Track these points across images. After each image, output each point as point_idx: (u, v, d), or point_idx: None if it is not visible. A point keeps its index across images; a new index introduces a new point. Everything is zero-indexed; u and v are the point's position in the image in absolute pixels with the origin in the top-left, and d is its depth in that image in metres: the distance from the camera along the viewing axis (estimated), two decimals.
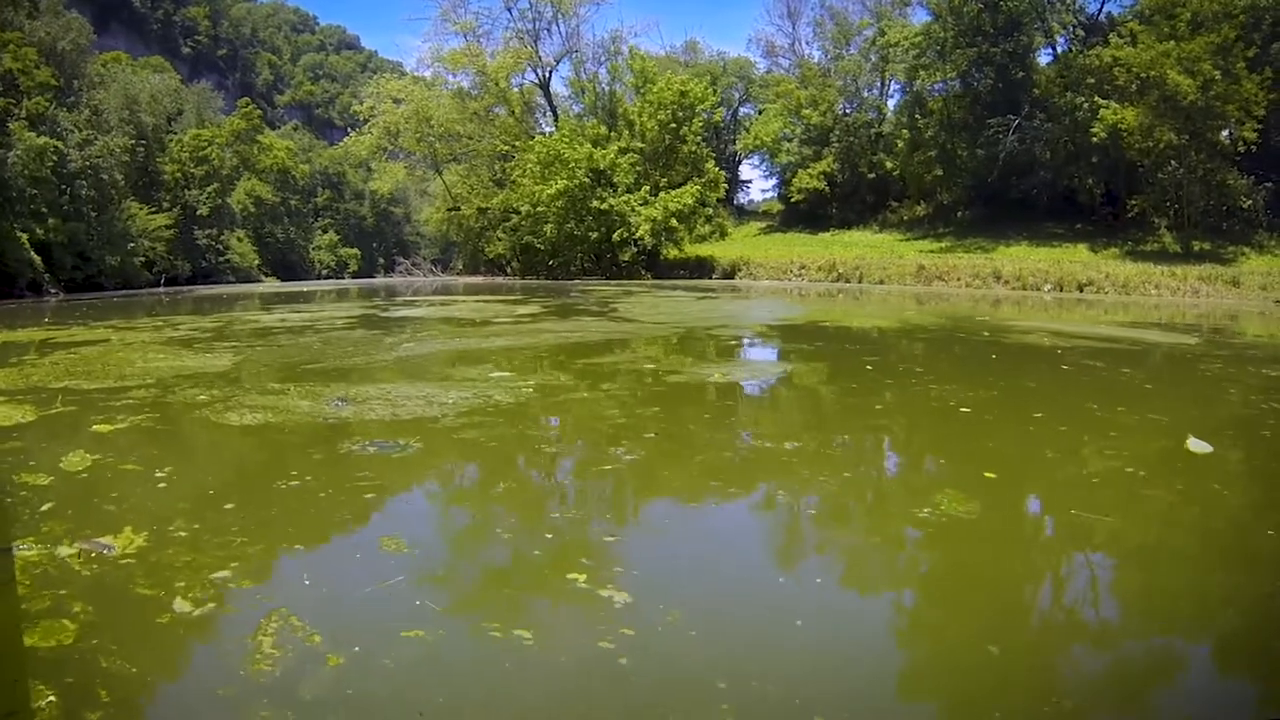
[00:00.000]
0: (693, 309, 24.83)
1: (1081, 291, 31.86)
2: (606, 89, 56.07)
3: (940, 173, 49.78)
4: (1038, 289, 33.11)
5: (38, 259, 39.96)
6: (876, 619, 4.27)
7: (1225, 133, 38.35)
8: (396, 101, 56.78)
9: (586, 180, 47.33)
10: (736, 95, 73.68)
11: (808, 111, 57.53)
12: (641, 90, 50.81)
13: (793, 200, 58.97)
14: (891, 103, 60.01)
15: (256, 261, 67.94)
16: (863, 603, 4.44)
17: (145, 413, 8.40)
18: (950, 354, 15.43)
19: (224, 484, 6.23)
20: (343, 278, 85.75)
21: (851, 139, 57.72)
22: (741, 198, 77.21)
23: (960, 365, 13.78)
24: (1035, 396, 10.22)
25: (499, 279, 55.11)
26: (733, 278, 45.83)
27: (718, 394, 10.32)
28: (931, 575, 4.83)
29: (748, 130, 67.33)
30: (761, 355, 16.05)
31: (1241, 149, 36.93)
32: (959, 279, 36.54)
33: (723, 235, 51.36)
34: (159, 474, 6.18)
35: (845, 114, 59.50)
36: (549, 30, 57.83)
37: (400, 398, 8.89)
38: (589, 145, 48.12)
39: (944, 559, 4.94)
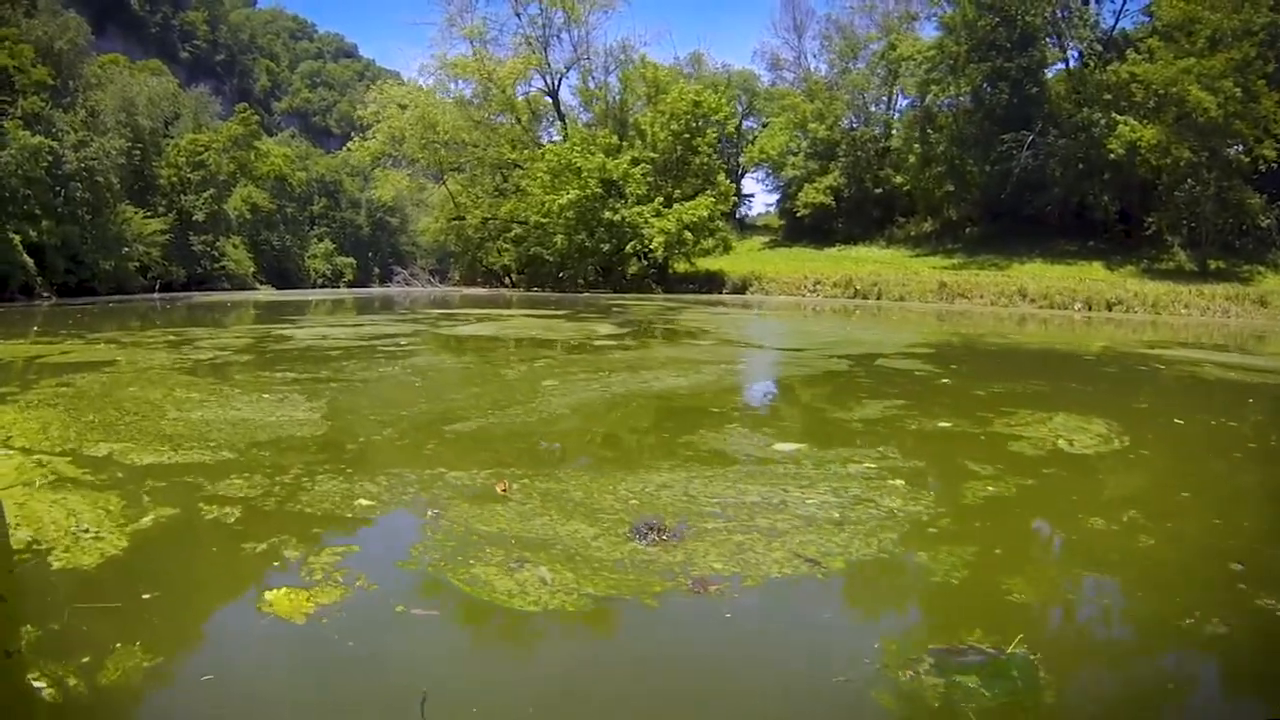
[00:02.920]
0: (783, 328, 23.51)
1: (1110, 310, 31.23)
2: (617, 98, 55.30)
3: (952, 188, 49.11)
4: (1065, 308, 32.40)
5: (30, 262, 38.96)
6: None
7: (1235, 149, 37.91)
8: (402, 107, 55.92)
9: (599, 190, 46.47)
10: (740, 108, 73.13)
11: (814, 125, 57.00)
12: (653, 100, 49.98)
13: (798, 214, 58.33)
14: (898, 117, 59.51)
15: (252, 269, 66.95)
16: None
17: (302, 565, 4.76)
18: (1194, 393, 12.71)
19: None
20: (338, 286, 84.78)
21: (858, 153, 57.17)
22: (744, 211, 76.61)
23: (1241, 408, 11.15)
24: None
25: (503, 290, 54.30)
26: (744, 293, 45.04)
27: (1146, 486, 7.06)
28: None
29: (752, 143, 66.75)
30: (1046, 402, 10.37)
31: (1262, 168, 36.34)
32: (982, 296, 35.84)
33: (726, 249, 50.52)
34: None
35: (852, 128, 59.02)
36: (559, 38, 57.14)
37: (715, 517, 5.36)
38: (601, 155, 47.25)
39: None
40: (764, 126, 68.06)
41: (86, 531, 5.17)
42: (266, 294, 57.05)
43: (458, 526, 5.21)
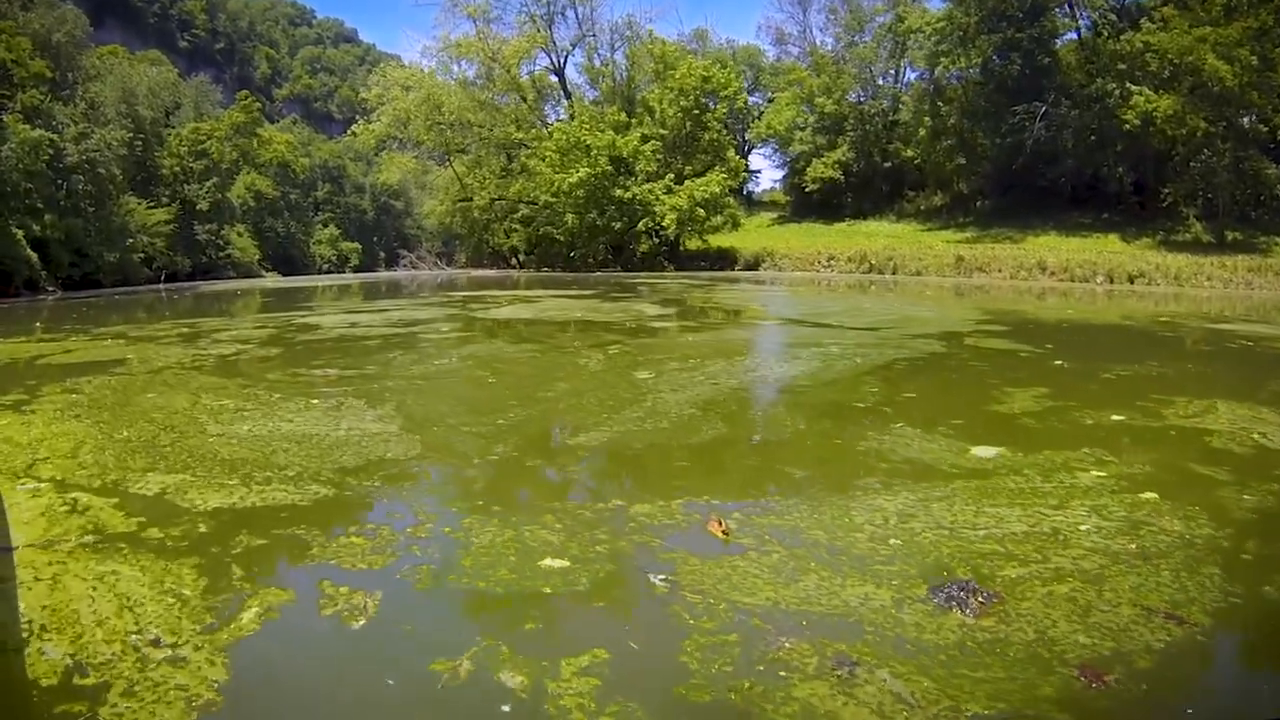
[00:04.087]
0: (830, 305, 22.54)
1: (1133, 283, 30.78)
2: (624, 75, 54.64)
3: (963, 161, 48.44)
4: (1087, 281, 31.92)
5: (34, 256, 38.61)
6: None
7: (1248, 119, 37.30)
8: (406, 89, 55.37)
9: (608, 168, 45.94)
10: (746, 84, 72.34)
11: (821, 100, 56.34)
12: (662, 76, 49.33)
13: (807, 190, 57.70)
14: (906, 90, 58.78)
15: (257, 256, 66.48)
16: None
17: None
18: None
19: None
20: (344, 272, 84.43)
21: (866, 127, 56.53)
22: (751, 188, 75.95)
23: None
24: None
25: (510, 271, 53.94)
26: (756, 269, 44.81)
27: None
28: None
29: (758, 119, 66.09)
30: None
31: None
32: (1000, 270, 35.43)
33: (735, 226, 50.03)
34: None
35: (859, 102, 58.33)
36: (563, 15, 56.61)
37: (1003, 558, 4.56)
38: (611, 132, 46.69)
39: None
40: (770, 102, 67.28)
41: (157, 644, 3.60)
42: (273, 281, 56.70)
43: (712, 600, 4.00)
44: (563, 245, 50.40)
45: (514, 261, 58.44)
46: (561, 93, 59.20)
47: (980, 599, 4.02)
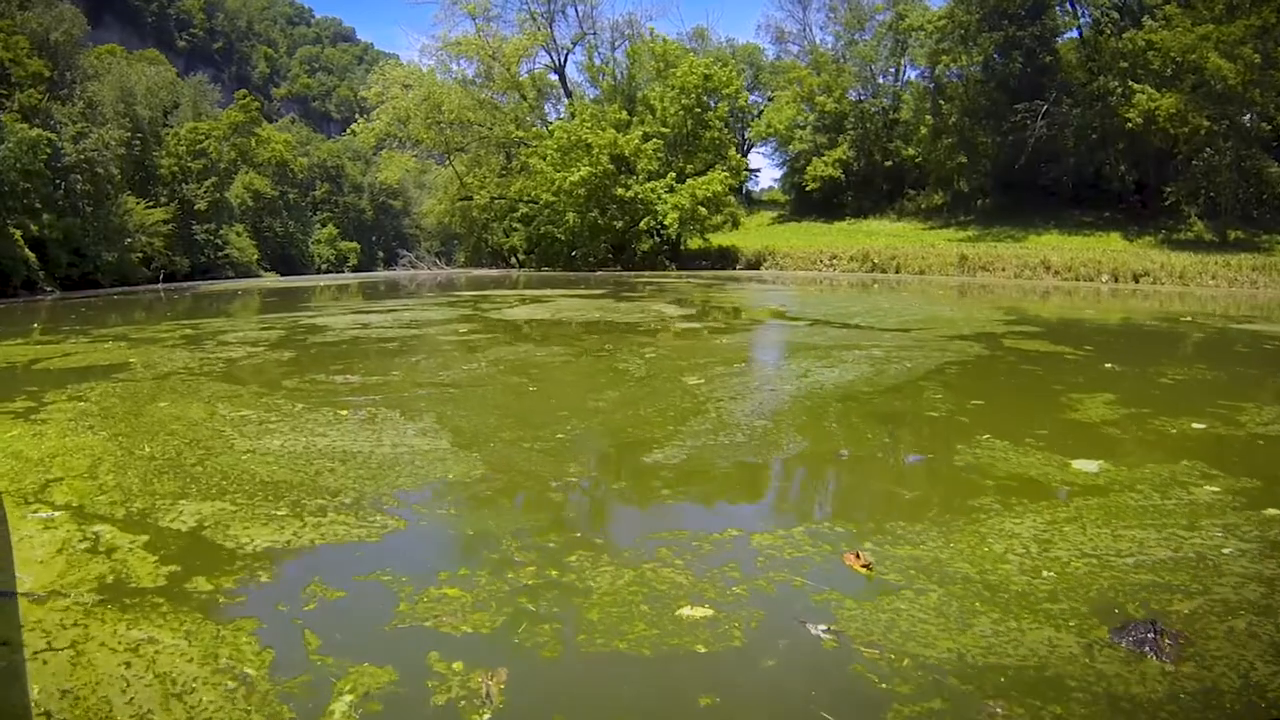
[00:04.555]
0: (852, 305, 21.95)
1: (1138, 282, 30.63)
2: (625, 73, 54.53)
3: (964, 160, 48.34)
4: (1091, 280, 31.81)
5: (32, 256, 38.44)
6: None
7: (1249, 117, 37.22)
8: (406, 87, 55.20)
9: (610, 167, 45.78)
10: (745, 83, 72.26)
11: (821, 98, 56.27)
12: (663, 74, 49.19)
13: (807, 189, 57.58)
14: (905, 88, 58.72)
15: (256, 256, 66.31)
16: None
17: None
18: None
19: None
20: (342, 272, 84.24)
21: (866, 126, 56.48)
22: (751, 186, 75.86)
23: None
24: None
25: (510, 271, 53.75)
26: (758, 268, 44.65)
27: None
28: None
29: (758, 118, 66.00)
30: None
31: None
32: (1004, 269, 35.28)
33: (735, 225, 49.89)
34: None
35: (859, 100, 58.27)
36: (564, 13, 56.53)
37: (1167, 590, 4.22)
38: (612, 131, 46.53)
39: None
40: (769, 101, 67.19)
41: None
42: (272, 281, 56.45)
43: (893, 657, 3.51)
44: (564, 244, 50.15)
45: (513, 261, 58.27)
46: (562, 91, 59.06)
47: (1169, 641, 3.72)
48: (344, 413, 8.21)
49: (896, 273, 38.46)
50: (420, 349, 13.83)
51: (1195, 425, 7.69)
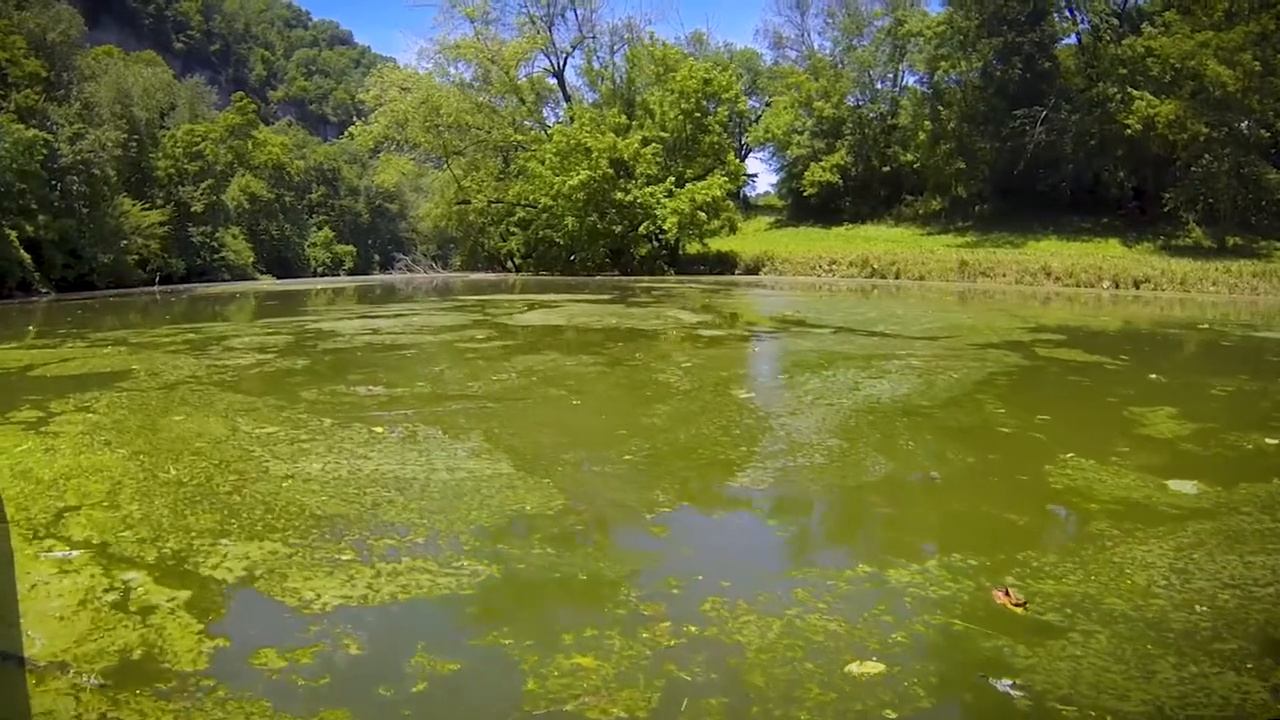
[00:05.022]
0: (869, 312, 21.50)
1: (1138, 289, 30.66)
2: (624, 77, 54.44)
3: (963, 165, 48.33)
4: (1092, 286, 31.82)
5: (27, 257, 38.24)
6: None
7: (1246, 123, 37.28)
8: (404, 90, 55.07)
9: (609, 171, 45.65)
10: (743, 88, 72.24)
11: (819, 104, 56.22)
12: (663, 78, 49.12)
13: (804, 194, 57.52)
14: (903, 94, 58.75)
15: (252, 259, 66.14)
16: None
17: None
18: None
19: None
20: (338, 275, 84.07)
21: (865, 131, 56.49)
22: (748, 192, 75.77)
23: None
24: None
25: (506, 275, 53.61)
26: (757, 273, 44.60)
27: None
28: None
29: (755, 123, 65.97)
30: None
31: None
32: (1005, 275, 35.28)
33: (733, 230, 49.78)
34: None
35: (858, 105, 58.28)
36: (563, 17, 56.48)
37: None
38: (612, 135, 46.42)
39: None
40: (767, 106, 67.16)
41: None
42: (269, 284, 56.32)
43: (1092, 713, 3.17)
44: (562, 249, 49.99)
45: (509, 265, 58.11)
46: (561, 95, 58.98)
47: None
48: (379, 430, 7.49)
49: (896, 278, 38.42)
50: (440, 357, 13.26)
51: (1269, 441, 7.43)
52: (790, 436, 7.45)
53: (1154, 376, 11.41)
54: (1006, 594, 4.21)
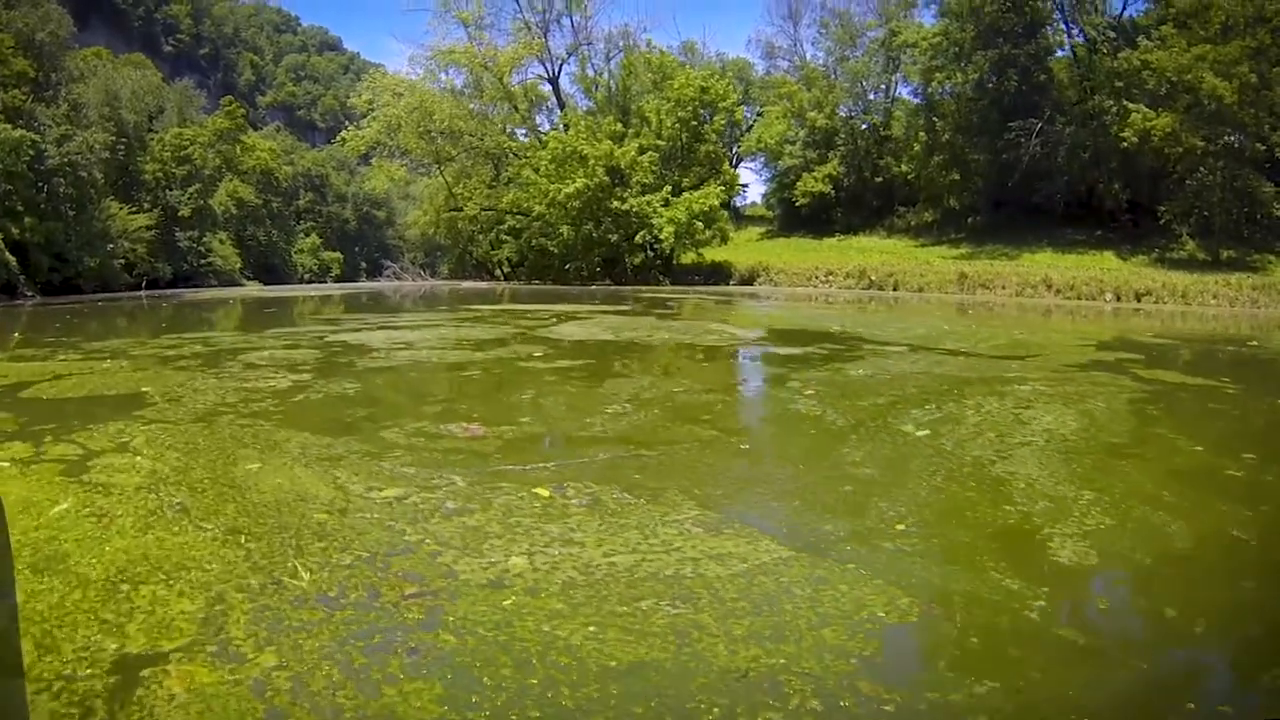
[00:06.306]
0: (894, 324, 20.48)
1: (1140, 301, 30.58)
2: (619, 85, 54.19)
3: (957, 177, 48.24)
4: (1094, 299, 31.72)
5: (13, 260, 37.72)
6: None
7: (1237, 138, 37.35)
8: (397, 95, 54.61)
9: (605, 179, 45.23)
10: (737, 97, 72.18)
11: (812, 114, 56.07)
12: (659, 86, 48.89)
13: (796, 204, 57.37)
14: (896, 105, 58.77)
15: (239, 264, 65.76)
16: None
17: None
18: None
19: None
20: (325, 281, 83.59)
21: (857, 142, 56.45)
22: (738, 202, 75.58)
23: None
24: None
25: (496, 284, 53.10)
26: (751, 284, 44.27)
27: None
28: None
29: (747, 132, 65.89)
30: None
31: (1278, 155, 35.82)
32: (1004, 287, 35.15)
33: (724, 240, 49.37)
34: None
35: (850, 116, 58.24)
36: (559, 23, 56.19)
37: None
38: (608, 142, 46.01)
39: None
40: (759, 115, 67.08)
41: None
42: (256, 290, 55.74)
43: None
44: (556, 257, 49.53)
45: (497, 273, 57.55)
46: (554, 102, 58.67)
47: None
48: (543, 493, 5.48)
49: (894, 290, 38.21)
50: (514, 381, 11.15)
51: None
52: (1036, 489, 5.86)
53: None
54: None
